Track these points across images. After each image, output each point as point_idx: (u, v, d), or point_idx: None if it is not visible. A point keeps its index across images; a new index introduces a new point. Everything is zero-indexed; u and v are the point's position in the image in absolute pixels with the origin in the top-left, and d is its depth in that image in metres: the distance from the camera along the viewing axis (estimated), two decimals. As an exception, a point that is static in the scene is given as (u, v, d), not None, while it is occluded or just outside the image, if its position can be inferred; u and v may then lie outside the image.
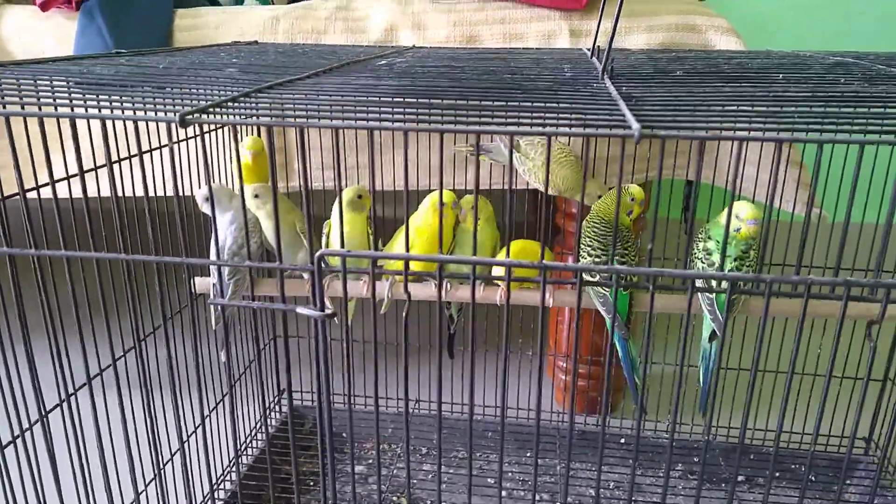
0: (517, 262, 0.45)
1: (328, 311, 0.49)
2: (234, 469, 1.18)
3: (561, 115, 0.49)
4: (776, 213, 1.17)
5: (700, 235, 0.92)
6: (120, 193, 0.67)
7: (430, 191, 1.25)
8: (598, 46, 0.92)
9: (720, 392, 1.18)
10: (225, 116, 0.48)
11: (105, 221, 0.63)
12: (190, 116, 0.47)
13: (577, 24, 1.25)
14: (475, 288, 0.53)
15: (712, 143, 1.17)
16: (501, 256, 0.97)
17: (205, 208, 0.97)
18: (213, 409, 1.17)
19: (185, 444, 0.71)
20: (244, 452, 1.24)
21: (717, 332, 0.89)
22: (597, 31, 0.90)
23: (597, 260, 0.93)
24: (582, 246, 0.95)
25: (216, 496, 1.11)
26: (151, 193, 0.64)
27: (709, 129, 0.44)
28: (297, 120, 0.49)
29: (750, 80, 0.68)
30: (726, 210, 0.93)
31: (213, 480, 1.15)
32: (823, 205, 1.20)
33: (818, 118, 0.47)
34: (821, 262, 1.11)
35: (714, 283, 0.88)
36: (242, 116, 0.51)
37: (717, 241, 0.89)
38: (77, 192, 0.62)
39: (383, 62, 0.88)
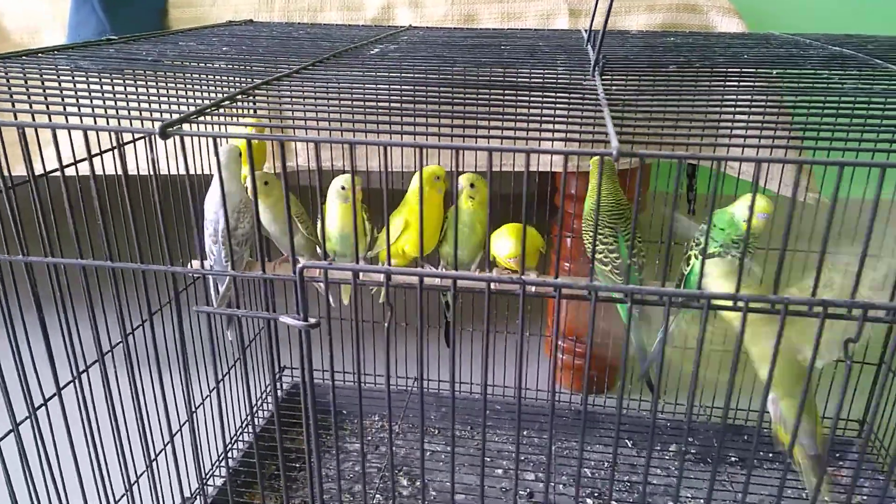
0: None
1: (312, 321, 0.50)
2: (234, 447, 1.20)
3: (544, 127, 0.48)
4: (770, 194, 1.16)
5: (706, 219, 0.91)
6: (97, 172, 0.66)
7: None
8: (594, 33, 0.91)
9: (716, 374, 1.18)
10: (207, 127, 0.48)
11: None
12: (171, 128, 0.47)
13: (576, 3, 1.22)
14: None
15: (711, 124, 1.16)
16: (500, 239, 0.96)
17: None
18: (212, 390, 1.19)
19: (183, 426, 0.72)
20: (244, 430, 1.26)
21: None
22: (592, 17, 0.89)
23: (610, 248, 0.93)
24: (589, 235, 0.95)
25: (218, 473, 1.14)
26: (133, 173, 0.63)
27: (689, 147, 0.44)
28: (278, 133, 0.49)
29: (743, 78, 0.67)
30: (740, 201, 0.93)
31: (217, 456, 1.17)
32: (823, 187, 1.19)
33: (801, 131, 0.46)
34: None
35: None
36: (224, 126, 0.51)
37: (714, 226, 0.89)
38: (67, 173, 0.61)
39: (376, 51, 0.87)
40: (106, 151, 0.78)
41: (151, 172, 0.52)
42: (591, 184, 1.00)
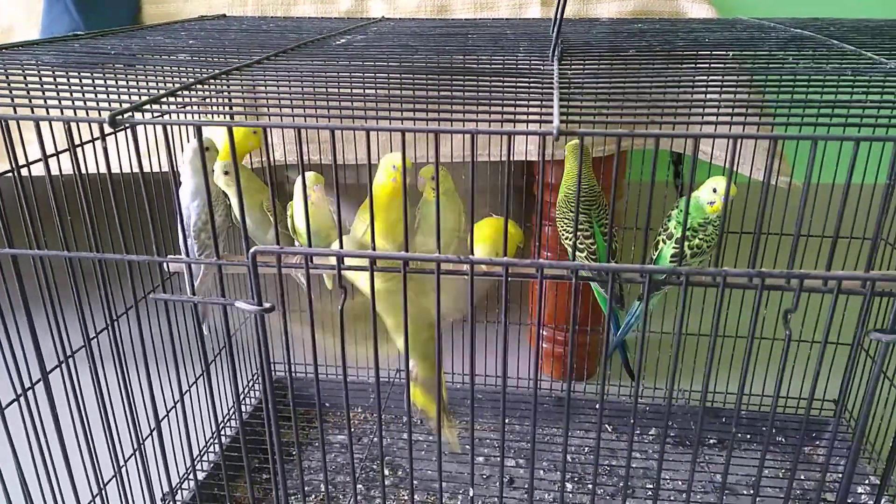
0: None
1: (266, 306, 0.50)
2: (216, 441, 1.21)
3: (494, 110, 0.49)
4: (745, 179, 1.17)
5: (676, 205, 0.92)
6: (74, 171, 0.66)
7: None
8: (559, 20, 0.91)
9: (691, 356, 1.20)
10: (158, 115, 0.48)
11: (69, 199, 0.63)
12: (120, 117, 0.47)
13: (547, -8, 1.23)
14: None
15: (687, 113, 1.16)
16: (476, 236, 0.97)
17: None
18: (191, 385, 1.19)
19: (165, 419, 0.71)
20: (227, 424, 1.26)
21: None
22: (557, 4, 0.89)
23: (586, 233, 0.95)
24: (564, 221, 0.98)
25: (198, 468, 1.14)
26: (116, 170, 0.62)
27: (628, 125, 0.44)
28: (223, 119, 0.50)
29: (697, 61, 0.67)
30: (704, 185, 0.94)
31: (194, 455, 1.17)
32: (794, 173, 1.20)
33: (741, 107, 0.47)
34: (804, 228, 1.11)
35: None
36: (176, 114, 0.51)
37: (680, 210, 0.90)
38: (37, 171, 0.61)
39: (342, 41, 0.87)
40: (80, 145, 0.78)
41: (105, 165, 0.52)
42: (565, 169, 1.01)
